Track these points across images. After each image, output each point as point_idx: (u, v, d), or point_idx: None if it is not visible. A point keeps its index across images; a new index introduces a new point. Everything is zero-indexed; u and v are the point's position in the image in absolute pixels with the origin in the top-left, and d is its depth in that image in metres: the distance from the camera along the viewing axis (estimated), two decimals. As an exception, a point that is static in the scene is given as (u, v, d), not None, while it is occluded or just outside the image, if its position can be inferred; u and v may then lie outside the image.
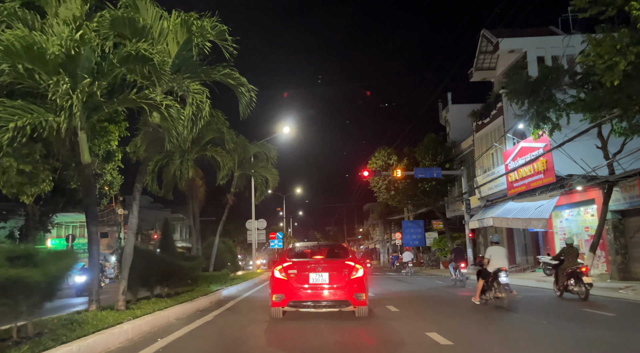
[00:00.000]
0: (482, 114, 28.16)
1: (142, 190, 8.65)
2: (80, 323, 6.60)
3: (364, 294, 8.55)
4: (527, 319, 8.78)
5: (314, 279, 8.53)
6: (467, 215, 28.75)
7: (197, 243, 16.37)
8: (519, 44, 24.98)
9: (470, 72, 29.95)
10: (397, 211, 45.95)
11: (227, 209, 17.53)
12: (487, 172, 27.69)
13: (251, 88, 8.94)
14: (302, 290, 8.46)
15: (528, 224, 20.62)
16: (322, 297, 8.44)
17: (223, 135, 15.09)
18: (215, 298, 12.69)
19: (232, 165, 16.33)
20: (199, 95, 7.92)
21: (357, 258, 9.49)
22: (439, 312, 10.05)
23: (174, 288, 12.11)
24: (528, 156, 21.48)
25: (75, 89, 6.69)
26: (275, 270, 8.83)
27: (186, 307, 9.91)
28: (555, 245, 23.20)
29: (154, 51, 7.29)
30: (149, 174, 14.78)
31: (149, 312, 8.12)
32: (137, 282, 9.80)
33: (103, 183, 29.74)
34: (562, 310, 10.21)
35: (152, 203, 63.44)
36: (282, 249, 28.80)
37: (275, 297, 8.54)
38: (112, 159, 25.95)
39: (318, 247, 9.77)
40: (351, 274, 8.62)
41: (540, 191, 21.13)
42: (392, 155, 34.65)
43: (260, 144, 17.82)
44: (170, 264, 10.68)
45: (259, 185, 18.24)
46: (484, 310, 9.94)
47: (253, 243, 29.75)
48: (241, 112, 9.02)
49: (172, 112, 7.52)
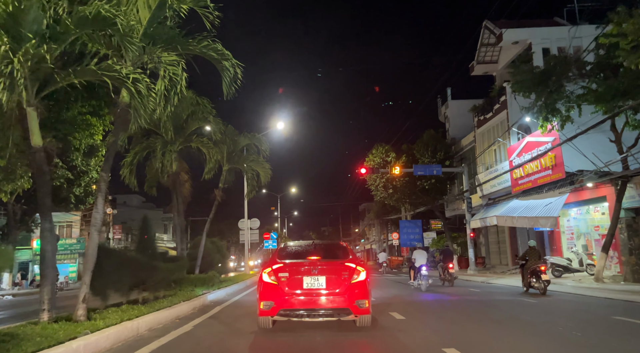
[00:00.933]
0: (484, 109, 27.08)
1: (108, 180, 7.41)
2: (21, 338, 5.38)
3: (366, 301, 7.37)
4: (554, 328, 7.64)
5: (308, 284, 7.34)
6: (469, 214, 27.62)
7: (181, 243, 15.07)
8: (524, 34, 23.92)
9: (471, 65, 28.86)
10: (394, 210, 44.86)
11: (215, 206, 16.28)
12: (489, 169, 26.60)
13: (236, 63, 7.72)
14: (294, 297, 7.27)
15: (535, 223, 19.49)
16: (319, 304, 7.25)
17: (210, 125, 13.82)
18: (199, 304, 11.47)
19: (221, 158, 15.11)
20: (172, 67, 6.70)
21: (359, 258, 8.30)
22: (451, 320, 8.88)
23: (154, 293, 10.90)
24: (535, 151, 20.39)
25: (16, 50, 5.47)
26: (264, 273, 7.64)
27: (163, 315, 8.69)
28: (562, 245, 22.14)
29: (118, 13, 6.06)
30: (127, 166, 13.54)
31: (114, 322, 6.91)
32: (106, 286, 8.59)
33: (89, 181, 28.50)
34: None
35: (144, 203, 62.22)
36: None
37: (264, 304, 7.35)
38: (95, 154, 24.65)
39: (314, 247, 8.54)
40: (352, 278, 7.43)
41: (547, 188, 20.04)
42: (389, 153, 33.54)
43: (251, 136, 16.47)
44: (146, 266, 9.45)
45: (250, 180, 16.90)
46: (495, 314, 8.80)
47: (245, 243, 28.69)
48: (225, 90, 7.80)
49: (140, 87, 6.32)
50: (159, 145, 13.62)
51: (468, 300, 12.69)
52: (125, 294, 9.67)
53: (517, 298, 12.69)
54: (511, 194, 23.67)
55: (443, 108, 36.69)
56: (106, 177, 7.29)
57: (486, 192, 26.70)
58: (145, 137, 14.15)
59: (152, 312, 8.54)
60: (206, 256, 16.41)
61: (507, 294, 14.09)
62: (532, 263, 14.02)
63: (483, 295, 13.93)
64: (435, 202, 33.09)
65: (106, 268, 8.34)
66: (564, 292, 14.35)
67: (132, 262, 9.00)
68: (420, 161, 30.90)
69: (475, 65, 28.33)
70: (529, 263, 14.21)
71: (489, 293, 14.76)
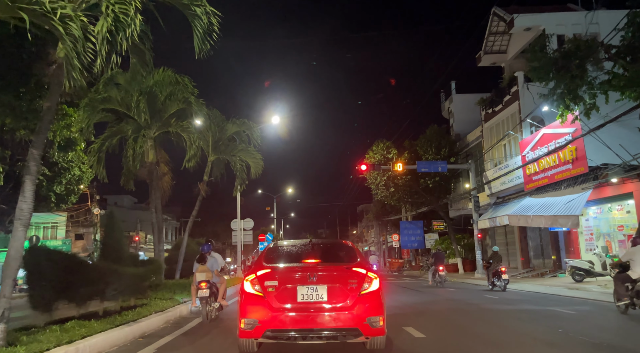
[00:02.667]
0: (492, 101, 25.39)
1: (40, 158, 5.64)
2: None
3: (380, 318, 5.60)
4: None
5: (304, 295, 5.61)
6: (476, 214, 25.93)
7: (158, 245, 13.24)
8: (537, 20, 22.26)
9: (478, 56, 27.18)
10: (395, 211, 43.15)
11: (198, 201, 14.44)
12: (498, 165, 24.92)
13: (211, 10, 5.97)
14: (285, 313, 5.53)
15: (554, 222, 17.78)
16: (317, 323, 5.50)
17: (191, 107, 12.02)
18: (174, 315, 9.70)
19: (206, 147, 13.35)
20: (120, 4, 4.95)
21: (368, 262, 6.53)
22: (482, 339, 7.13)
23: (121, 303, 9.14)
24: (552, 144, 18.70)
25: None
26: (246, 281, 5.86)
27: (121, 334, 6.92)
28: (580, 247, 20.43)
29: None
30: (93, 154, 11.75)
31: (44, 348, 5.15)
32: (50, 297, 6.83)
33: (70, 178, 26.72)
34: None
35: (136, 204, 60.31)
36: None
37: (245, 323, 5.57)
38: (72, 147, 22.83)
39: (311, 247, 6.73)
40: (361, 287, 5.68)
41: (566, 184, 18.36)
42: (391, 149, 31.82)
43: (241, 122, 14.50)
44: (106, 271, 7.68)
45: (239, 172, 15.00)
46: (548, 335, 7.08)
47: (238, 245, 27.03)
48: (196, 46, 6.06)
49: (72, 27, 4.57)
50: (130, 129, 11.85)
51: (488, 309, 10.96)
52: (82, 305, 7.90)
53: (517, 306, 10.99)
54: (524, 192, 21.99)
55: (447, 103, 35.01)
56: (37, 155, 5.52)
57: (495, 190, 25.03)
58: (118, 121, 12.39)
59: (107, 330, 6.79)
60: (189, 258, 14.57)
61: (536, 302, 12.38)
62: (495, 266, 16.85)
63: (501, 303, 12.23)
64: (439, 202, 31.36)
65: (48, 275, 6.60)
66: (590, 299, 12.65)
67: (85, 267, 7.23)
68: (424, 158, 29.18)
69: (483, 55, 26.64)
70: (492, 265, 17.07)
71: (509, 300, 13.06)
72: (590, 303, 11.95)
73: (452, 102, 33.76)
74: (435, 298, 14.30)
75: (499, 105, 24.71)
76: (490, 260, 17.46)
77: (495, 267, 16.78)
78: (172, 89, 11.76)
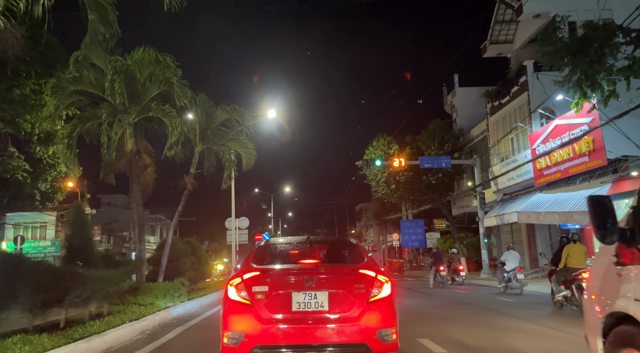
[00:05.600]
0: (498, 93, 24.22)
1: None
2: None
3: (392, 330, 4.48)
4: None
5: (301, 303, 4.48)
6: (481, 211, 24.77)
7: (139, 243, 11.97)
8: (547, 6, 21.11)
9: (483, 46, 26.03)
10: (394, 210, 42.02)
11: (185, 196, 13.18)
12: (505, 160, 23.76)
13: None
14: (278, 325, 4.40)
15: (569, 219, 16.61)
16: (317, 337, 4.37)
17: (172, 89, 10.77)
18: (152, 324, 8.48)
19: (193, 137, 12.12)
20: None
21: (376, 263, 5.34)
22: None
23: (88, 310, 7.92)
24: (566, 135, 17.53)
25: None
26: (230, 286, 4.70)
27: (80, 350, 5.71)
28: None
29: None
30: (60, 141, 10.51)
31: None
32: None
33: (56, 175, 25.46)
34: None
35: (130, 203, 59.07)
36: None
37: (230, 337, 4.43)
38: (54, 141, 21.52)
39: (309, 245, 5.52)
40: (370, 293, 4.56)
41: (582, 178, 17.19)
42: (392, 144, 30.65)
43: (231, 109, 13.06)
44: (61, 275, 6.47)
45: (228, 163, 13.69)
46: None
47: (232, 244, 25.91)
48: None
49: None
50: (105, 113, 10.62)
51: (511, 315, 9.79)
52: (37, 315, 6.68)
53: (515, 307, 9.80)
54: (533, 187, 20.81)
55: (449, 97, 33.84)
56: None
57: (501, 186, 23.87)
58: (93, 105, 11.15)
59: (63, 345, 5.58)
60: (175, 259, 13.36)
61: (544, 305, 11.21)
62: (455, 265, 20.89)
63: (522, 307, 11.07)
64: (442, 199, 30.19)
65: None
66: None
67: (36, 270, 6.01)
68: (426, 153, 28.00)
69: (488, 45, 25.48)
70: (452, 265, 20.91)
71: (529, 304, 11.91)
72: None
73: (455, 95, 32.61)
74: (445, 302, 13.14)
75: (506, 97, 23.55)
76: (450, 260, 19.11)
77: (454, 266, 19.15)
78: (152, 69, 10.53)
